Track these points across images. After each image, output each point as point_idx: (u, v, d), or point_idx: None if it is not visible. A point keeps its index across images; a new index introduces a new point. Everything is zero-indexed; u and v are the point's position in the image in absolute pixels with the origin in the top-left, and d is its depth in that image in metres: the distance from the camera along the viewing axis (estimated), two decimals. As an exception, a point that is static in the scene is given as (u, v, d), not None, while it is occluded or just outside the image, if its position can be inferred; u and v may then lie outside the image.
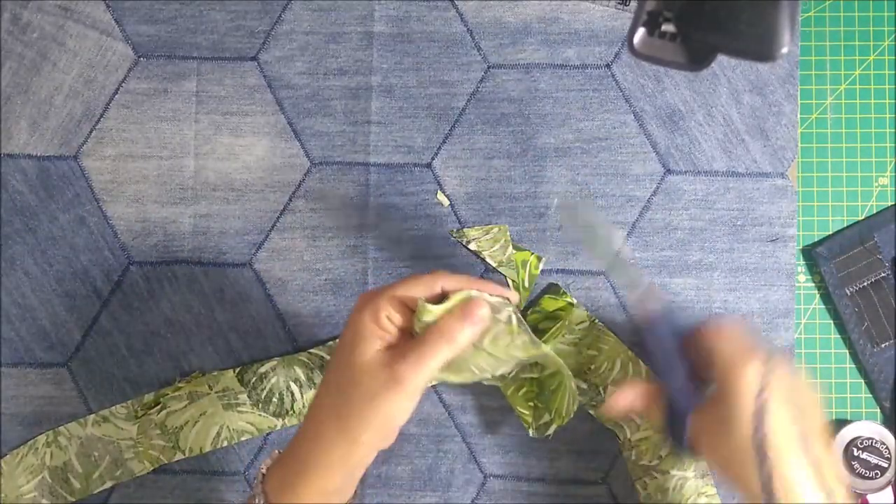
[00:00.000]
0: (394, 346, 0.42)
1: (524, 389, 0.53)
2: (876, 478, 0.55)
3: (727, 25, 0.35)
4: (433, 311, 0.43)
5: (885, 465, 0.55)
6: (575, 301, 0.56)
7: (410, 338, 0.44)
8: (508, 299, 0.46)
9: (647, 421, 0.54)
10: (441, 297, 0.44)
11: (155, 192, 0.58)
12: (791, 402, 0.41)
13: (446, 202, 0.58)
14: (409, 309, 0.43)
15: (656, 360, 0.46)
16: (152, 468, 0.57)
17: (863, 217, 0.57)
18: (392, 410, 0.41)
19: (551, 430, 0.52)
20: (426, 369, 0.41)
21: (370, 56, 0.59)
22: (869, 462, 0.55)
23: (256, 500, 0.42)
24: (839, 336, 0.57)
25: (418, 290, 0.43)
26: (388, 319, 0.42)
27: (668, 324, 0.45)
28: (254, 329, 0.58)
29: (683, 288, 0.57)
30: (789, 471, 0.39)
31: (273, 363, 0.57)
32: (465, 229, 0.58)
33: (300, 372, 0.57)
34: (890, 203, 0.57)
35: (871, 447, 0.55)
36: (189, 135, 0.59)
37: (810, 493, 0.39)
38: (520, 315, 0.46)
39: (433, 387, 0.57)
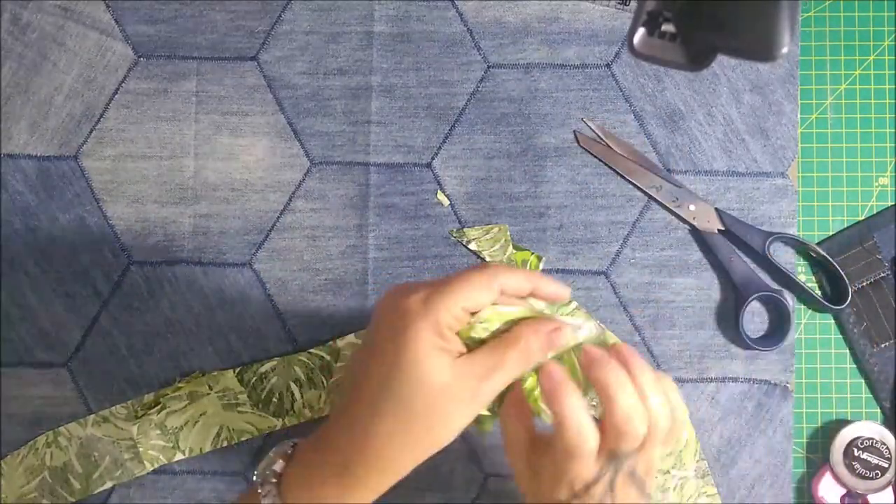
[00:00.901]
0: (461, 357, 0.40)
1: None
2: (876, 478, 0.55)
3: (727, 25, 0.35)
4: (503, 316, 0.41)
5: (886, 466, 0.55)
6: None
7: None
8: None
9: None
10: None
11: (155, 192, 0.58)
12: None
13: (446, 202, 0.58)
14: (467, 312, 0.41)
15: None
16: (152, 468, 0.57)
17: (863, 217, 0.57)
18: (464, 425, 0.40)
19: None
20: (502, 387, 0.40)
21: (370, 56, 0.59)
22: (869, 462, 0.55)
23: (266, 500, 0.41)
24: (839, 336, 0.57)
25: (481, 295, 0.40)
26: (450, 329, 0.40)
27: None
28: (254, 329, 0.58)
29: (684, 288, 0.57)
30: None
31: (273, 363, 0.57)
32: (465, 229, 0.58)
33: (300, 372, 0.57)
34: (890, 203, 0.57)
35: (872, 447, 0.55)
36: (189, 135, 0.59)
37: None
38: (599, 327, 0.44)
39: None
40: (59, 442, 0.57)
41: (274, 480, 0.42)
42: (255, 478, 0.43)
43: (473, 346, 0.41)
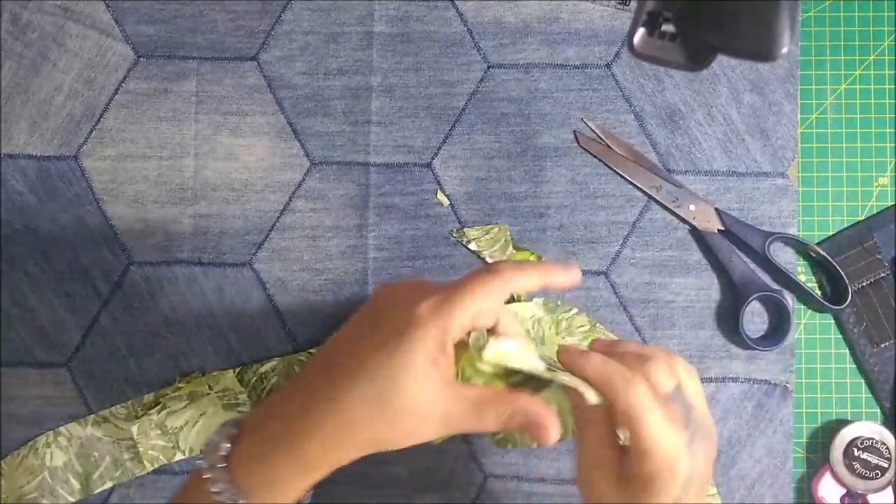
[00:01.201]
0: (450, 384, 0.39)
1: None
2: (876, 478, 0.55)
3: (727, 25, 0.35)
4: (507, 361, 0.40)
5: (886, 466, 0.55)
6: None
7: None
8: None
9: None
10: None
11: (155, 192, 0.58)
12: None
13: (446, 202, 0.58)
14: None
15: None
16: (152, 468, 0.57)
17: (863, 217, 0.57)
18: (424, 440, 0.39)
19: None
20: (471, 431, 0.40)
21: (370, 56, 0.59)
22: (869, 462, 0.55)
23: (219, 496, 0.39)
24: (839, 336, 0.57)
25: (492, 303, 0.39)
26: (453, 340, 0.39)
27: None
28: (254, 329, 0.58)
29: (684, 288, 0.57)
30: None
31: (273, 363, 0.57)
32: (465, 229, 0.58)
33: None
34: (890, 203, 0.57)
35: (872, 447, 0.55)
36: (189, 135, 0.59)
37: None
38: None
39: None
40: (59, 442, 0.57)
41: (222, 465, 0.39)
42: (203, 463, 0.40)
43: (466, 373, 0.40)
